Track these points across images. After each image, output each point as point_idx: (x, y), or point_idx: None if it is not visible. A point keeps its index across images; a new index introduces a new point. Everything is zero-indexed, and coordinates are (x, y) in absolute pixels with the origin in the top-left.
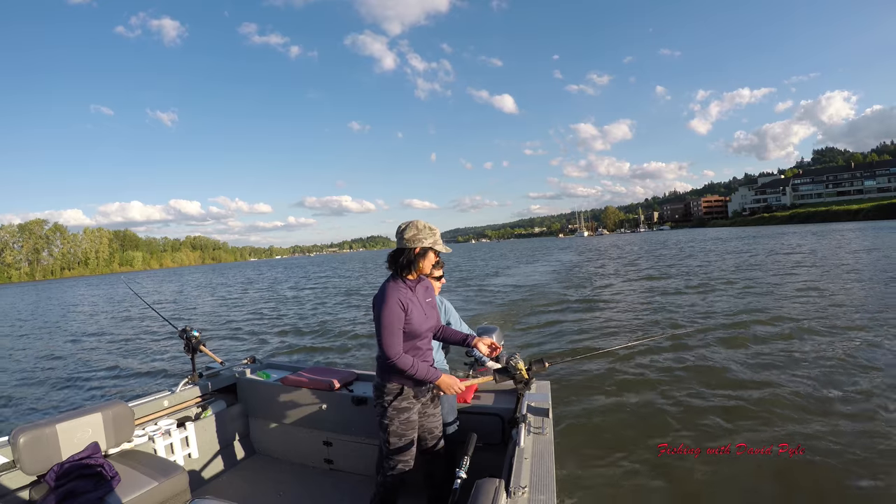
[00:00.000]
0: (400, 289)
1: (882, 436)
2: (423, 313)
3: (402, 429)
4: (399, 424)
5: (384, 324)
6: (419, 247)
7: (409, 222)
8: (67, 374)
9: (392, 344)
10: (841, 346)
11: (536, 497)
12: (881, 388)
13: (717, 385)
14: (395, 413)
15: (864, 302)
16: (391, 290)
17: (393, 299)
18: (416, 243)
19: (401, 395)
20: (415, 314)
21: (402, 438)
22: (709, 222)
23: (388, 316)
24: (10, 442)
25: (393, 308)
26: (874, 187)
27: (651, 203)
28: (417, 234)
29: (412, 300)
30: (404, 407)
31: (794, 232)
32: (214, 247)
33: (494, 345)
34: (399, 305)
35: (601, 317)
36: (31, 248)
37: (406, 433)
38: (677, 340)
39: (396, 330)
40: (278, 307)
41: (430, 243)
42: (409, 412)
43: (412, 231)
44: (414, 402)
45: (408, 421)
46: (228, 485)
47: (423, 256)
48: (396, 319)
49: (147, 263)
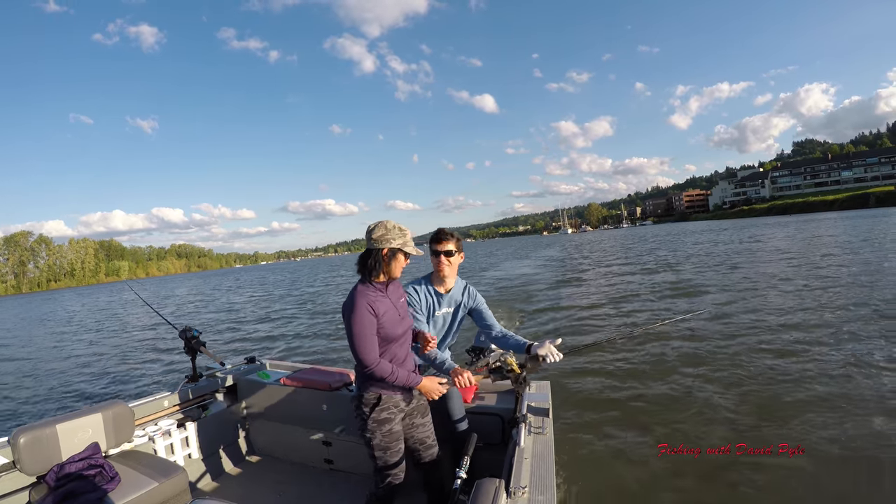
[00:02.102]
0: (368, 293)
1: (882, 436)
2: (396, 315)
3: (385, 441)
4: (381, 437)
5: (355, 332)
6: (387, 248)
7: (378, 222)
8: (68, 374)
9: (367, 351)
10: (840, 346)
11: (536, 497)
12: (881, 388)
13: (718, 385)
14: (376, 426)
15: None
16: (359, 296)
17: (362, 305)
18: (384, 244)
19: (378, 406)
20: (387, 318)
21: (387, 452)
22: (691, 216)
23: (359, 323)
24: (10, 442)
25: (363, 314)
26: (850, 178)
27: (634, 199)
28: (386, 235)
29: (383, 303)
30: (384, 418)
31: (765, 223)
32: (200, 254)
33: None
34: (369, 310)
35: (592, 310)
36: (16, 261)
37: (390, 445)
38: (678, 340)
39: (370, 336)
40: (278, 308)
41: (398, 244)
42: (390, 423)
43: (380, 231)
44: (395, 412)
45: (390, 433)
46: (228, 485)
47: (393, 258)
48: (368, 325)
49: (133, 272)
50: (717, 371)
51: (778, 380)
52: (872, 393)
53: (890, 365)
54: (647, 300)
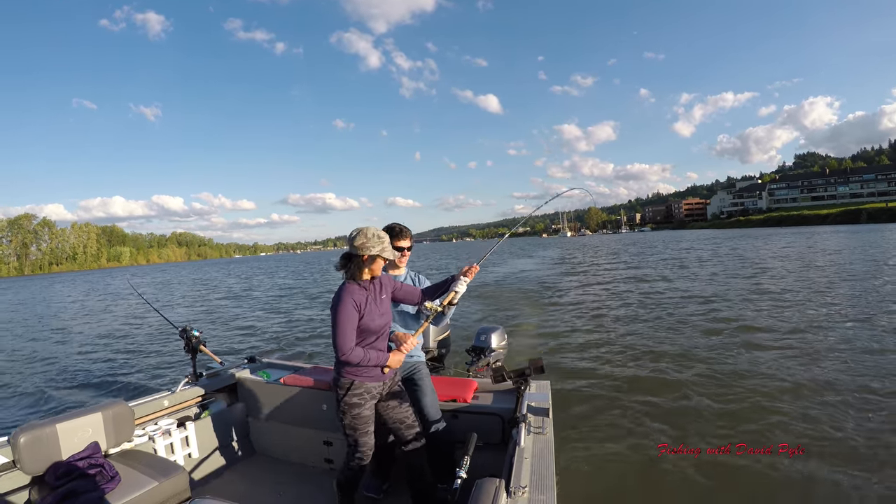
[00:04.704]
0: (355, 291)
1: (882, 436)
2: (377, 311)
3: (354, 422)
4: (351, 419)
5: (338, 321)
6: (367, 254)
7: (359, 229)
8: (67, 373)
9: (344, 341)
10: (839, 346)
11: (537, 497)
12: (881, 388)
13: (718, 385)
14: (347, 408)
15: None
16: (346, 293)
17: (348, 301)
18: (364, 251)
19: (350, 390)
20: (368, 313)
21: (356, 431)
22: (689, 224)
23: (342, 315)
24: (11, 442)
25: (347, 308)
26: (847, 193)
27: (634, 204)
28: (366, 243)
29: (366, 300)
30: (354, 402)
31: (756, 235)
32: (200, 243)
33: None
34: (353, 306)
35: (591, 314)
36: (19, 243)
37: (358, 427)
38: (678, 340)
39: (349, 329)
40: (278, 307)
41: (377, 251)
42: (359, 408)
43: (361, 239)
44: (366, 398)
45: (359, 416)
46: (228, 485)
47: (372, 262)
48: (349, 319)
49: (134, 259)
50: (717, 371)
51: (778, 380)
52: (873, 393)
53: (890, 365)
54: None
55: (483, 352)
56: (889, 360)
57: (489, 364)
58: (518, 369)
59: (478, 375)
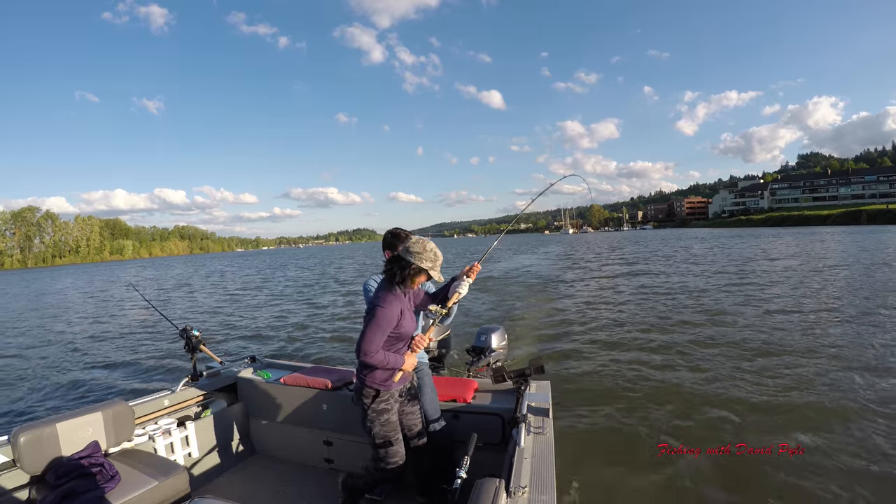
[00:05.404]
0: (401, 298)
1: (882, 436)
2: (411, 320)
3: (384, 430)
4: (380, 427)
5: (375, 323)
6: (417, 265)
7: (419, 238)
8: (67, 372)
9: (371, 344)
10: (839, 346)
11: (537, 497)
12: (881, 388)
13: (718, 385)
14: (375, 416)
15: (856, 302)
16: (394, 299)
17: (394, 307)
18: (417, 261)
19: (378, 397)
20: (404, 320)
21: (387, 438)
22: (690, 223)
23: (381, 319)
24: (11, 441)
25: (391, 314)
26: (848, 194)
27: (636, 202)
28: (422, 254)
29: (406, 309)
30: (382, 409)
31: (757, 235)
32: (202, 237)
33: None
34: (397, 315)
35: (590, 311)
36: (23, 236)
37: (389, 434)
38: (678, 340)
39: (381, 334)
40: (278, 306)
41: (427, 267)
42: (388, 413)
43: (418, 248)
44: (391, 403)
45: (388, 422)
46: (228, 484)
47: (418, 274)
48: (387, 324)
49: (137, 252)
50: (717, 372)
51: (778, 380)
52: (873, 394)
53: (890, 366)
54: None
55: (483, 352)
56: (889, 359)
57: (489, 364)
58: (518, 369)
59: (478, 375)
